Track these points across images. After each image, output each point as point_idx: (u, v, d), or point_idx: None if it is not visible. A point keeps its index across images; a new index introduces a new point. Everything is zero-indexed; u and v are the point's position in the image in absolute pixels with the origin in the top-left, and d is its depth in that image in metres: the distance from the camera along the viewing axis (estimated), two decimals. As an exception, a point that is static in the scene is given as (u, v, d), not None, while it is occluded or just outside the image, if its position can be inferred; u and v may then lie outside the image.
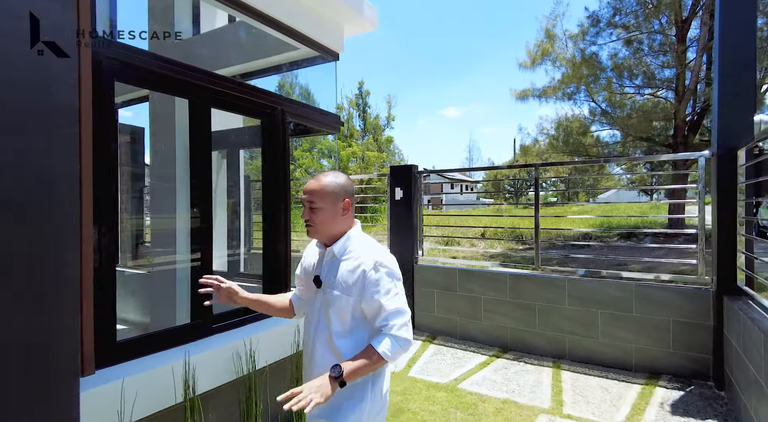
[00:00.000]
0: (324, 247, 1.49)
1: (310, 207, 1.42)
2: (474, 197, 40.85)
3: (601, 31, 13.55)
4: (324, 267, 1.46)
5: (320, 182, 1.43)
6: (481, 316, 4.42)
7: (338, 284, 1.40)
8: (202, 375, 2.26)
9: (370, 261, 1.39)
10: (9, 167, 0.53)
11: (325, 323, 1.42)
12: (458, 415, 2.93)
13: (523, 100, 16.10)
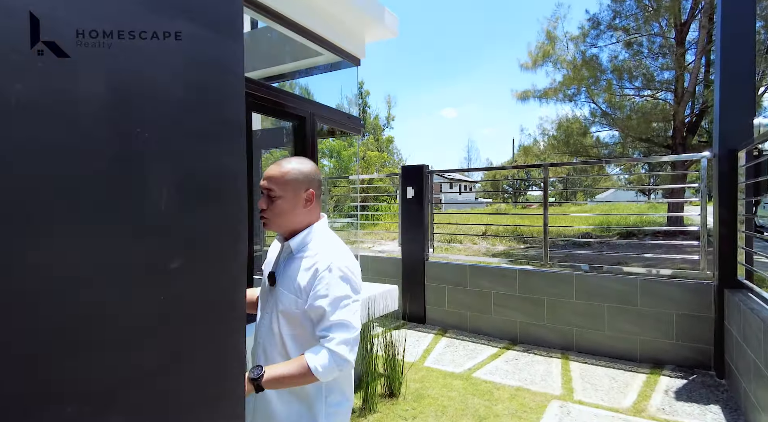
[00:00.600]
0: (283, 241, 1.32)
1: (268, 195, 1.24)
2: (472, 197, 41.15)
3: (601, 34, 13.78)
4: (280, 264, 1.31)
5: (282, 169, 1.25)
6: (491, 310, 4.61)
7: (291, 284, 1.23)
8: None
9: (326, 261, 1.22)
10: (213, 165, 0.70)
11: (277, 324, 1.25)
12: (475, 400, 3.11)
13: (524, 100, 16.32)
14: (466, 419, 2.85)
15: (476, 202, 16.01)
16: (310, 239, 1.28)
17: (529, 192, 38.42)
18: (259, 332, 1.32)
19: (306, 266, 1.23)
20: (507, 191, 36.45)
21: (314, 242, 1.27)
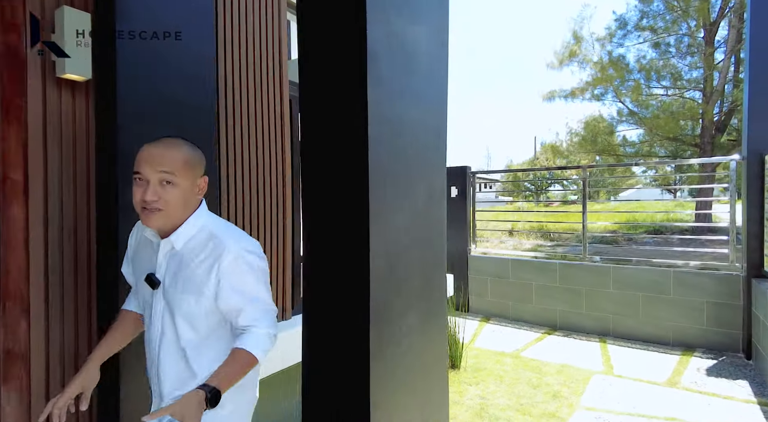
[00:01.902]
0: (156, 238, 1.13)
1: (165, 181, 1.04)
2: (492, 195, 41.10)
3: (628, 34, 13.92)
4: (161, 263, 1.12)
5: (180, 150, 1.07)
6: (532, 300, 5.05)
7: (185, 283, 1.08)
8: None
9: (234, 247, 1.08)
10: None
11: (172, 331, 1.10)
12: (526, 373, 3.57)
13: (550, 100, 16.53)
14: (521, 385, 3.32)
15: (496, 200, 16.25)
16: (196, 230, 1.11)
17: (551, 190, 38.19)
18: (151, 335, 1.14)
19: (201, 259, 1.08)
20: (528, 190, 36.38)
21: (203, 232, 1.11)
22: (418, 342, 1.16)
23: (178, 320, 1.09)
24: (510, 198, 34.13)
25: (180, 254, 1.11)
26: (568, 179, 28.05)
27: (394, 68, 1.05)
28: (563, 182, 27.70)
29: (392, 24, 1.04)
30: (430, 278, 1.21)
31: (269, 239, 2.57)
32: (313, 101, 1.08)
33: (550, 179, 35.56)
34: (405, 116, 1.09)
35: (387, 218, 1.03)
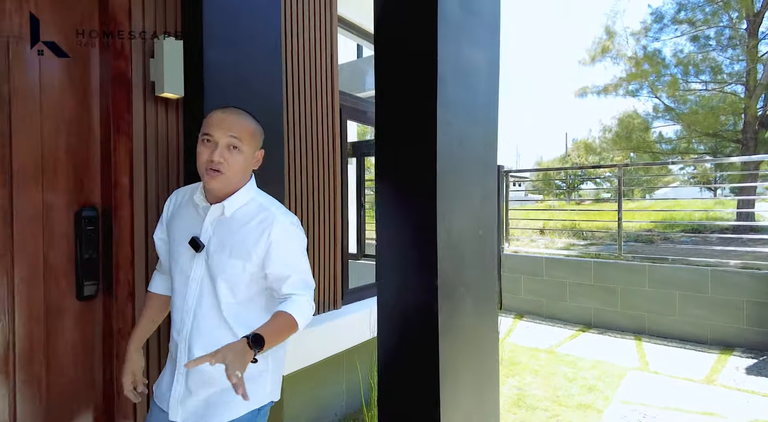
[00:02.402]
0: (204, 202, 1.16)
1: (231, 146, 1.10)
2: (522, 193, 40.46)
3: (665, 28, 13.55)
4: (206, 228, 1.15)
5: (248, 120, 1.16)
6: (566, 298, 5.12)
7: (233, 249, 1.11)
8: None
9: (283, 219, 1.15)
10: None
11: (212, 295, 1.12)
12: (562, 368, 3.68)
13: (582, 96, 16.26)
14: (556, 378, 3.44)
15: (526, 199, 16.10)
16: (247, 198, 1.17)
17: (582, 188, 37.28)
18: (180, 300, 1.15)
19: (251, 226, 1.13)
20: (560, 187, 35.68)
21: (253, 203, 1.18)
22: (475, 323, 1.34)
23: (220, 284, 1.11)
24: (540, 196, 33.54)
25: (228, 221, 1.14)
26: (602, 177, 27.34)
27: (457, 89, 1.23)
28: (596, 179, 27.11)
29: (458, 50, 1.22)
30: (483, 268, 1.39)
31: (323, 236, 2.79)
32: (388, 118, 1.27)
33: (582, 177, 34.68)
34: (465, 131, 1.27)
35: (451, 216, 1.22)
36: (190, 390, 1.14)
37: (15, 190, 1.53)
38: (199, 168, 1.13)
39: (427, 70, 1.16)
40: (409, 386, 1.25)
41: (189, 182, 1.90)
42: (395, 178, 1.26)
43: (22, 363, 1.56)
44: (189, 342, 1.14)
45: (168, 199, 1.32)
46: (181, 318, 1.16)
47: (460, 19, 1.24)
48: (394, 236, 1.28)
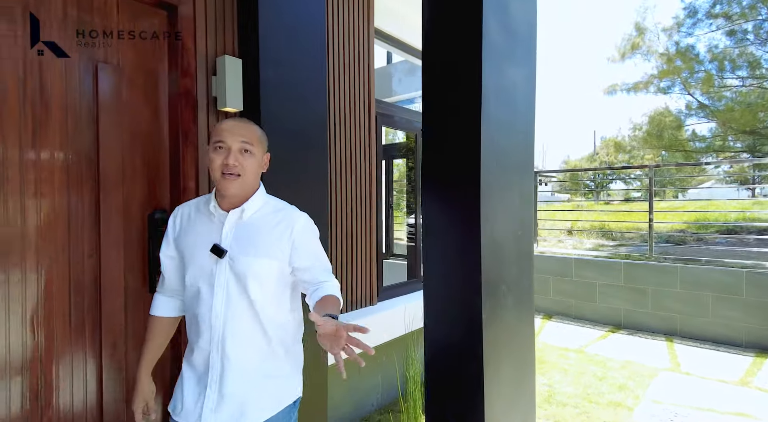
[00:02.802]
0: (219, 210, 1.20)
1: (243, 150, 1.16)
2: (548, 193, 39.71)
3: (698, 22, 13.17)
4: (226, 233, 1.18)
5: (255, 126, 1.22)
6: (596, 298, 5.13)
7: (257, 247, 1.17)
8: (416, 319, 3.29)
9: (301, 215, 1.24)
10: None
11: (242, 295, 1.16)
12: (591, 367, 3.73)
13: (611, 94, 15.95)
14: (586, 377, 3.49)
15: (553, 199, 15.93)
16: (262, 200, 1.24)
17: (612, 187, 36.34)
18: (213, 311, 1.16)
19: (276, 227, 1.19)
20: (588, 187, 34.92)
21: (267, 205, 1.24)
22: (515, 318, 1.46)
23: (249, 285, 1.14)
24: (567, 196, 32.84)
25: (246, 224, 1.19)
26: (631, 176, 26.63)
27: (499, 104, 1.36)
28: (626, 179, 26.43)
29: (499, 70, 1.35)
30: (521, 267, 1.51)
31: (359, 236, 2.95)
32: (436, 129, 1.41)
33: (611, 176, 33.82)
34: (505, 141, 1.40)
35: (494, 218, 1.35)
36: (224, 396, 1.15)
37: (102, 195, 1.74)
38: (213, 174, 1.16)
39: (472, 90, 1.29)
40: (454, 374, 1.38)
41: (246, 188, 2.08)
42: (442, 184, 1.40)
43: (107, 349, 1.77)
44: (222, 347, 1.15)
45: (171, 217, 1.29)
46: (210, 326, 1.16)
47: (502, 42, 1.36)
48: (441, 236, 1.41)
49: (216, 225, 1.20)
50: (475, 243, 1.30)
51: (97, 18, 1.75)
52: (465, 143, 1.32)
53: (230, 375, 1.15)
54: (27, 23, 1.59)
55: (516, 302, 1.47)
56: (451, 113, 1.37)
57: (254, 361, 1.18)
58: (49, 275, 1.63)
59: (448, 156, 1.38)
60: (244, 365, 1.17)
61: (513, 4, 1.45)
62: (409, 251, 4.03)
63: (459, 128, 1.34)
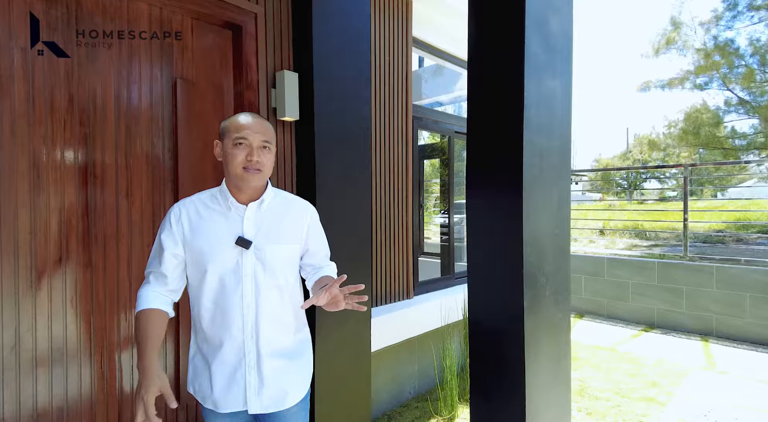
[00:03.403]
0: (236, 204, 1.22)
1: (264, 146, 1.21)
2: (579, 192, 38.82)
3: (738, 15, 12.72)
4: (248, 225, 1.22)
5: (268, 123, 1.25)
6: (629, 298, 5.14)
7: (280, 234, 1.25)
8: (451, 312, 3.44)
9: (310, 207, 1.36)
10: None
11: (268, 281, 1.21)
12: (623, 364, 3.78)
13: (644, 90, 15.59)
14: (618, 373, 3.56)
15: (584, 198, 15.63)
16: (273, 194, 1.30)
17: (646, 187, 35.22)
18: (243, 300, 1.20)
19: (292, 215, 1.29)
20: (620, 186, 33.99)
21: (278, 196, 1.31)
22: (553, 308, 1.60)
23: (278, 268, 1.22)
24: (599, 195, 32.02)
25: (264, 214, 1.24)
26: (666, 175, 25.77)
27: (539, 113, 1.50)
28: (660, 177, 25.62)
29: (539, 82, 1.49)
30: (558, 262, 1.65)
31: (396, 233, 3.13)
32: (480, 135, 1.57)
33: (645, 175, 32.81)
34: (545, 146, 1.54)
35: (535, 216, 1.50)
36: (264, 379, 1.22)
37: (179, 195, 1.98)
38: (234, 169, 1.18)
39: (515, 99, 1.44)
40: (496, 357, 1.54)
41: (300, 186, 2.29)
42: (487, 184, 1.56)
43: (185, 336, 2.01)
44: (256, 333, 1.21)
45: (173, 216, 1.22)
46: (242, 315, 1.20)
47: (542, 57, 1.51)
48: (486, 231, 1.57)
49: (234, 218, 1.22)
50: (518, 238, 1.45)
51: (176, 38, 1.99)
52: (508, 146, 1.47)
53: (268, 359, 1.22)
54: (121, 47, 1.84)
55: (553, 293, 1.61)
56: (495, 120, 1.52)
57: (286, 342, 1.27)
58: (137, 264, 1.88)
59: (493, 159, 1.53)
60: (279, 347, 1.25)
61: (552, 21, 1.59)
62: (443, 250, 4.18)
63: (503, 133, 1.49)
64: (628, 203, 22.65)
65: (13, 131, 1.58)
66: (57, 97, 1.67)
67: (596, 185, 24.73)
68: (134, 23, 1.87)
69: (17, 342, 1.58)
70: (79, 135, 1.73)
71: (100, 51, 1.78)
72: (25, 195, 1.61)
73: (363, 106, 2.42)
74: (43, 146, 1.64)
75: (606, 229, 11.56)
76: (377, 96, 2.95)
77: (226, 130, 1.21)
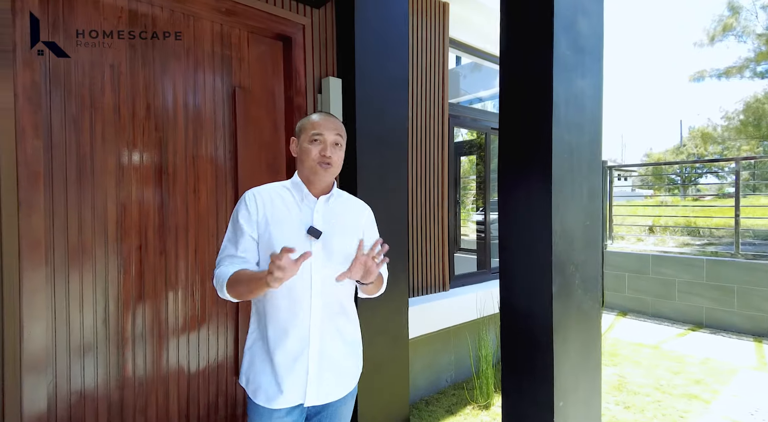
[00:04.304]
0: (309, 196, 1.28)
1: (336, 143, 1.28)
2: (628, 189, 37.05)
3: (807, -4, 11.77)
4: (318, 217, 1.27)
5: (340, 122, 1.32)
6: (675, 296, 4.99)
7: (344, 227, 1.31)
8: (486, 305, 3.53)
9: (364, 203, 1.44)
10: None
11: (333, 272, 1.24)
12: (666, 362, 3.72)
13: (698, 80, 14.75)
14: (660, 370, 3.51)
15: (633, 194, 15.01)
16: (336, 190, 1.36)
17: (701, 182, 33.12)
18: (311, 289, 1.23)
19: (352, 211, 1.37)
20: (673, 182, 32.15)
21: (340, 194, 1.38)
22: (582, 295, 1.68)
23: (340, 258, 1.25)
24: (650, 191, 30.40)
25: (329, 208, 1.30)
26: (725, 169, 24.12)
27: (568, 110, 1.59)
28: (717, 172, 24.06)
29: (568, 82, 1.58)
30: (588, 253, 1.73)
31: (432, 228, 3.26)
32: (511, 132, 1.68)
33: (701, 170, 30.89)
34: (574, 141, 1.63)
35: (564, 208, 1.59)
36: (323, 370, 1.25)
37: (239, 192, 2.21)
38: (309, 163, 1.25)
39: (544, 100, 1.55)
40: (527, 339, 1.65)
41: (342, 183, 2.48)
42: (517, 177, 1.67)
43: (244, 317, 2.25)
44: (321, 322, 1.25)
45: (249, 200, 1.27)
46: (310, 305, 1.23)
47: (571, 58, 1.60)
48: (516, 223, 1.68)
49: (305, 210, 1.27)
50: (547, 228, 1.55)
51: (234, 51, 2.23)
52: (538, 143, 1.57)
53: (330, 348, 1.27)
54: (189, 60, 2.09)
55: (583, 281, 1.69)
56: (525, 118, 1.62)
57: (346, 331, 1.32)
58: (201, 255, 2.13)
59: (524, 154, 1.64)
60: (340, 336, 1.30)
61: (582, 22, 1.68)
62: (479, 246, 4.26)
63: (533, 130, 1.59)
64: (682, 200, 21.45)
65: (104, 136, 1.85)
66: (138, 106, 1.94)
67: (647, 181, 23.53)
68: (200, 38, 2.11)
69: (107, 318, 1.86)
70: (155, 139, 1.99)
71: (171, 64, 2.03)
72: (113, 191, 1.88)
73: (401, 107, 2.57)
74: (126, 149, 1.91)
75: (656, 226, 11.09)
76: (414, 96, 3.09)
77: (303, 128, 1.30)
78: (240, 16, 2.16)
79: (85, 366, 1.81)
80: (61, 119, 1.75)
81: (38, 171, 1.64)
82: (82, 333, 1.80)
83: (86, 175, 1.81)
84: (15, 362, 1.59)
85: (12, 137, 1.58)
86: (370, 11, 2.41)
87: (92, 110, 1.82)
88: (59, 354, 1.75)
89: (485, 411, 2.90)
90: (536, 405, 1.61)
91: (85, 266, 1.81)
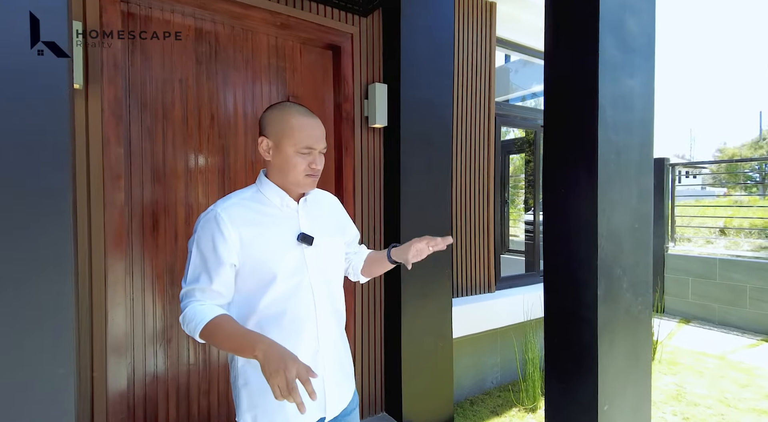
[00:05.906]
0: (288, 201, 1.16)
1: (321, 152, 1.16)
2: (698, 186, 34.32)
3: None
4: (304, 222, 1.18)
5: (321, 124, 1.19)
6: (746, 303, 4.63)
7: (329, 228, 1.24)
8: (534, 308, 3.48)
9: (328, 193, 1.35)
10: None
11: (330, 276, 1.20)
12: (732, 373, 3.48)
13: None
14: (725, 382, 3.29)
15: (704, 193, 13.91)
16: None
17: (784, 180, 29.95)
18: (314, 297, 1.15)
19: (327, 207, 1.28)
20: (751, 179, 29.34)
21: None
22: (630, 298, 1.65)
23: (331, 260, 1.21)
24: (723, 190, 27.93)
25: (312, 207, 1.21)
26: (812, 165, 21.68)
27: (615, 111, 1.57)
28: (804, 169, 21.73)
29: (615, 82, 1.56)
30: (638, 256, 1.69)
31: (478, 229, 3.26)
32: (557, 133, 1.68)
33: (782, 166, 28.02)
34: (622, 142, 1.60)
35: (611, 211, 1.57)
36: (336, 377, 1.19)
37: (291, 194, 2.35)
38: (296, 175, 1.13)
39: (589, 101, 1.54)
40: (571, 340, 1.64)
41: (387, 185, 2.56)
42: (563, 180, 1.67)
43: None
44: (329, 332, 1.18)
45: (221, 223, 1.08)
46: (315, 315, 1.14)
47: (618, 57, 1.57)
48: (561, 225, 1.67)
49: (289, 217, 1.16)
50: (592, 231, 1.54)
51: (288, 62, 2.38)
52: (584, 144, 1.56)
53: (337, 356, 1.20)
54: (247, 72, 2.25)
55: (631, 285, 1.66)
56: (570, 118, 1.62)
57: (340, 341, 1.23)
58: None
59: (568, 156, 1.63)
60: (341, 342, 1.24)
61: (629, 21, 1.64)
62: (527, 247, 4.20)
63: (577, 131, 1.58)
64: (761, 199, 19.55)
65: (174, 144, 2.06)
66: (203, 116, 2.13)
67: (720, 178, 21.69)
68: (257, 51, 2.27)
69: (176, 308, 2.06)
70: (218, 146, 2.18)
71: (232, 76, 2.21)
72: (182, 193, 2.08)
73: (445, 110, 2.61)
74: (193, 155, 2.11)
75: (728, 228, 10.26)
76: (460, 97, 3.11)
77: (284, 132, 1.11)
78: (293, 29, 2.30)
79: (157, 351, 2.02)
80: (139, 129, 1.97)
81: (119, 175, 1.86)
82: (155, 321, 2.02)
83: (159, 178, 2.02)
84: (101, 344, 1.82)
85: (99, 145, 1.81)
86: (416, 17, 2.47)
87: (164, 121, 2.03)
88: (136, 339, 1.97)
89: (531, 414, 2.87)
90: (580, 407, 1.61)
91: (156, 260, 2.02)
